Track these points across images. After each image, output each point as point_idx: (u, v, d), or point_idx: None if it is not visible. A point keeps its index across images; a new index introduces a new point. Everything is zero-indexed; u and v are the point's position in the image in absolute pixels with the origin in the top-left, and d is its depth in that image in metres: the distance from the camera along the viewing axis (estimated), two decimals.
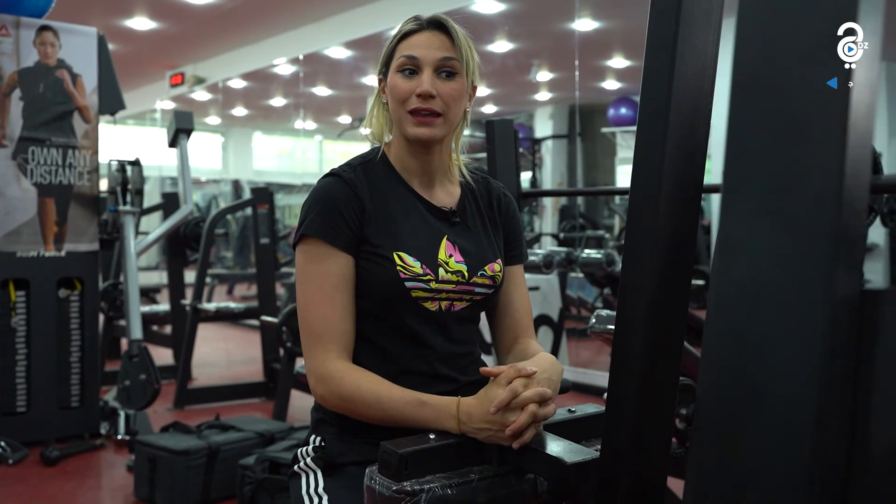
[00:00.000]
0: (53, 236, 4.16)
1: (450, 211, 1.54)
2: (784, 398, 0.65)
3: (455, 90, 1.45)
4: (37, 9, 4.24)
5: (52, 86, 4.19)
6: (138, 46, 9.94)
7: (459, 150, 1.59)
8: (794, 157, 0.67)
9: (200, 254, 5.41)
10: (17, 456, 3.86)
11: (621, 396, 1.24)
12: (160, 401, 4.98)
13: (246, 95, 12.79)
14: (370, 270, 1.44)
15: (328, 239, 1.42)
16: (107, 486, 3.66)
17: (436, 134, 1.46)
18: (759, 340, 0.68)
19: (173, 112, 4.98)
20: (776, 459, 0.66)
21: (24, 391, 4.10)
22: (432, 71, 1.44)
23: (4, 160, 4.06)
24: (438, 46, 1.44)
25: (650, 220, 1.19)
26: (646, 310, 1.19)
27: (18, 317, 4.09)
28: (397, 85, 1.46)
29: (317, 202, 1.45)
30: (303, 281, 1.45)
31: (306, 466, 1.55)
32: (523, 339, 1.60)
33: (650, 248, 1.19)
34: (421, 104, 1.44)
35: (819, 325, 0.64)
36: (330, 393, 1.41)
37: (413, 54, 1.44)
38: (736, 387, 0.70)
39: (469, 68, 1.47)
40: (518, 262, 1.63)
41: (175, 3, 8.44)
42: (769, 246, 0.68)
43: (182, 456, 3.23)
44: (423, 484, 1.28)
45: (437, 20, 1.47)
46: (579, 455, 1.31)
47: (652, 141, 1.18)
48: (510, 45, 9.42)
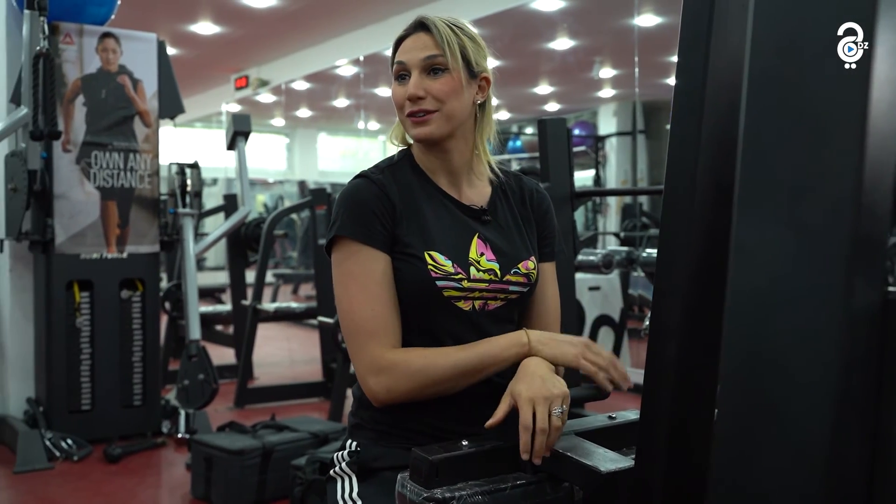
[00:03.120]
0: (116, 238, 4.26)
1: (480, 209, 1.52)
2: (798, 414, 0.61)
3: (444, 85, 1.43)
4: (99, 16, 4.34)
5: (113, 91, 4.28)
6: (203, 51, 10.13)
7: (486, 145, 1.56)
8: (810, 160, 0.62)
9: (260, 254, 5.48)
10: (82, 453, 3.96)
11: (656, 404, 1.19)
12: (221, 400, 5.06)
13: (309, 97, 12.95)
14: (402, 270, 1.43)
15: (363, 239, 1.41)
16: (165, 484, 3.72)
17: (433, 131, 1.45)
18: (773, 353, 0.63)
19: (231, 115, 5.05)
20: (790, 477, 0.61)
21: (89, 390, 4.20)
22: (419, 72, 1.44)
23: (69, 164, 4.16)
24: (422, 47, 1.44)
25: (684, 222, 1.14)
26: (681, 315, 1.14)
27: (83, 317, 4.19)
28: (393, 92, 1.48)
29: (347, 204, 1.44)
30: (343, 283, 1.43)
31: (341, 471, 1.55)
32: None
33: (684, 250, 1.14)
34: (413, 107, 1.44)
35: (836, 337, 0.59)
36: (397, 378, 1.38)
37: (401, 59, 1.46)
38: (751, 401, 0.66)
39: (462, 61, 1.45)
40: (549, 260, 1.60)
41: (238, 7, 8.57)
42: (784, 252, 0.63)
43: (237, 456, 3.26)
44: (454, 491, 1.26)
45: (420, 21, 1.47)
46: (614, 464, 1.27)
47: (686, 139, 1.13)
48: (571, 43, 9.32)
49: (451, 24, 1.46)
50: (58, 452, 3.92)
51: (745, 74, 0.69)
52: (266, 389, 5.45)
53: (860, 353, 0.59)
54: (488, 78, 1.51)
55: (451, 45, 1.43)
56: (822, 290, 0.61)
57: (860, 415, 0.60)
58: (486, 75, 1.50)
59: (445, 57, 1.43)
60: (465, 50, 1.45)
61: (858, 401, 0.60)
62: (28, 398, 4.32)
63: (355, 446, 1.52)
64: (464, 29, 1.47)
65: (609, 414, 1.48)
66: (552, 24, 8.37)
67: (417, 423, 1.46)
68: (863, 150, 0.58)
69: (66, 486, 3.58)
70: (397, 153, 1.56)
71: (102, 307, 4.23)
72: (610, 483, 1.24)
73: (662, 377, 1.19)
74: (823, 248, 0.61)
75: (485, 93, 1.52)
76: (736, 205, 0.68)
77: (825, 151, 0.61)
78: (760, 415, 0.64)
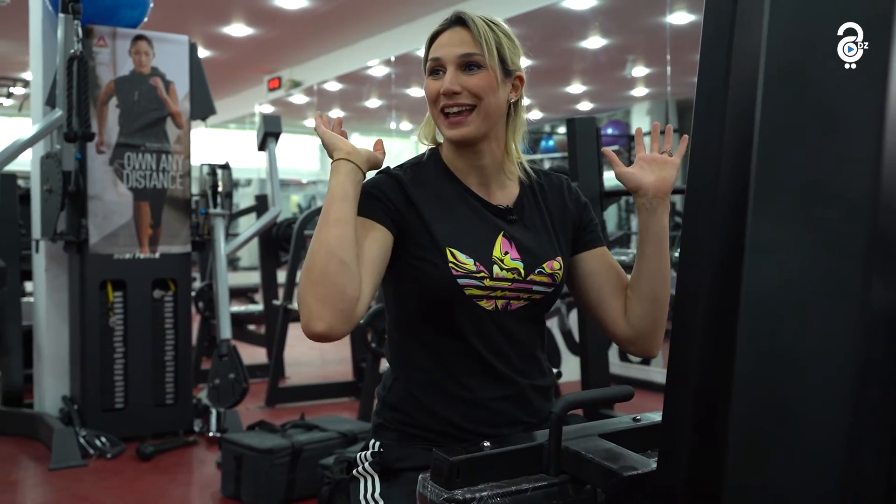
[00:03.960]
0: (148, 239, 4.30)
1: (506, 209, 1.50)
2: (812, 421, 0.59)
3: (481, 81, 1.42)
4: (132, 19, 4.39)
5: (146, 93, 4.33)
6: (236, 52, 10.21)
7: (518, 144, 1.54)
8: (825, 158, 0.60)
9: (291, 254, 5.50)
10: (115, 451, 4.01)
11: (678, 407, 1.17)
12: (253, 399, 5.10)
13: (342, 97, 13.00)
14: (422, 269, 1.41)
15: (364, 213, 1.39)
16: (196, 482, 3.76)
17: (470, 131, 1.43)
18: (788, 355, 0.62)
19: (262, 116, 5.08)
20: (805, 483, 0.60)
21: (122, 388, 4.25)
22: (455, 68, 1.42)
23: (102, 166, 4.22)
24: (459, 43, 1.43)
25: (706, 223, 1.12)
26: (702, 317, 1.12)
27: (116, 316, 4.24)
28: (427, 87, 1.46)
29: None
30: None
31: (364, 471, 1.55)
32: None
33: (707, 250, 1.12)
34: (448, 101, 1.42)
35: (852, 339, 0.58)
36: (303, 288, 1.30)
37: (437, 55, 1.44)
38: (765, 406, 0.64)
39: (497, 58, 1.43)
40: (599, 244, 1.56)
41: (270, 8, 8.63)
42: (799, 252, 0.62)
43: (266, 455, 3.28)
44: (474, 492, 1.25)
45: (457, 16, 1.45)
46: (637, 467, 1.25)
47: (708, 140, 1.11)
48: (603, 41, 9.26)
49: (488, 21, 1.45)
50: (92, 450, 3.97)
51: (760, 73, 0.67)
52: (297, 389, 5.48)
53: (877, 355, 0.58)
54: (522, 77, 1.49)
55: (489, 42, 1.42)
56: (839, 290, 0.59)
57: (877, 419, 0.58)
58: (520, 74, 1.49)
59: (482, 54, 1.41)
60: (502, 47, 1.44)
61: (876, 404, 0.58)
62: (63, 396, 4.39)
63: (378, 447, 1.51)
64: (500, 26, 1.46)
65: (634, 416, 1.46)
66: (584, 22, 8.32)
67: (441, 424, 1.45)
68: (880, 149, 0.57)
69: (99, 484, 3.63)
70: (426, 153, 1.55)
71: (135, 307, 4.28)
72: (632, 486, 1.22)
73: (684, 379, 1.17)
74: (839, 248, 0.59)
75: (518, 92, 1.50)
76: (751, 204, 0.67)
77: (841, 150, 0.59)
78: (775, 418, 0.63)
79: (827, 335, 0.60)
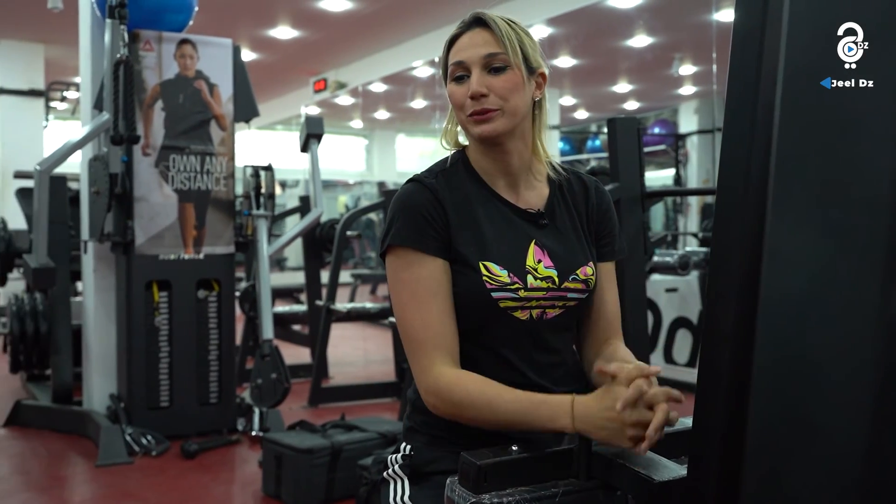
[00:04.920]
0: (192, 240, 4.36)
1: (537, 213, 1.48)
2: (831, 433, 0.57)
3: (507, 82, 1.40)
4: (177, 23, 4.46)
5: (191, 96, 4.39)
6: (282, 55, 10.31)
7: (544, 142, 1.52)
8: (844, 161, 0.58)
9: (333, 255, 5.54)
10: (160, 448, 4.07)
11: (709, 413, 1.15)
12: (296, 398, 5.14)
13: (387, 98, 13.06)
14: (456, 282, 1.40)
15: (416, 245, 1.39)
16: (238, 481, 3.80)
17: (497, 128, 1.41)
18: (806, 366, 0.60)
19: (304, 117, 5.11)
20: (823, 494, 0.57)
21: (167, 387, 4.31)
22: (480, 70, 1.40)
23: (148, 168, 4.28)
24: (482, 44, 1.40)
25: (737, 225, 1.09)
26: (734, 321, 1.10)
27: (161, 316, 4.31)
28: (452, 92, 1.44)
29: (400, 210, 1.42)
30: (396, 291, 1.42)
31: (394, 473, 1.55)
32: (612, 340, 1.53)
33: (737, 254, 1.09)
34: (475, 106, 1.40)
35: (872, 346, 0.55)
36: (441, 401, 1.37)
37: (460, 59, 1.42)
38: (784, 417, 0.62)
39: (522, 57, 1.41)
40: (609, 259, 1.56)
41: (315, 11, 8.70)
42: (818, 258, 0.59)
43: (306, 454, 3.30)
44: (502, 497, 1.24)
45: (477, 17, 1.43)
46: (668, 473, 1.23)
47: (738, 142, 1.08)
48: (649, 40, 9.17)
49: (507, 20, 1.43)
50: (137, 447, 4.04)
51: (779, 73, 0.65)
52: (339, 389, 5.51)
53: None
54: (545, 74, 1.47)
55: (512, 41, 1.40)
56: (858, 296, 0.57)
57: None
58: (542, 71, 1.46)
59: (507, 53, 1.39)
60: (524, 46, 1.42)
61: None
62: (111, 394, 4.48)
63: (409, 450, 1.52)
64: (519, 24, 1.44)
65: None
66: (629, 20, 8.24)
67: (470, 430, 1.44)
68: None
69: (144, 481, 3.68)
70: (451, 156, 1.52)
71: (180, 307, 4.34)
72: (663, 492, 1.20)
73: (715, 384, 1.14)
74: (859, 252, 0.57)
75: (541, 89, 1.47)
76: (769, 207, 0.64)
77: (860, 152, 0.57)
78: (793, 427, 0.61)
79: (847, 341, 0.57)
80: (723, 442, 1.12)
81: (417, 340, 1.39)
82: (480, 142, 1.45)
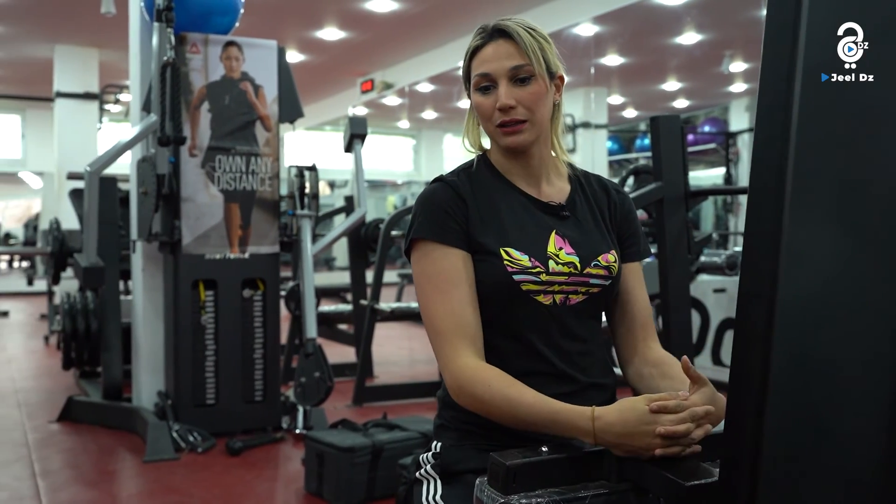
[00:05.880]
0: (238, 239, 4.41)
1: (558, 205, 1.51)
2: (847, 439, 0.55)
3: (534, 93, 1.44)
4: (223, 26, 4.51)
5: (236, 97, 4.44)
6: (330, 56, 10.39)
7: (563, 141, 1.55)
8: (862, 157, 0.56)
9: (378, 255, 5.56)
10: (206, 445, 4.13)
11: (740, 415, 1.12)
12: (341, 397, 5.18)
13: (434, 98, 13.09)
14: (478, 270, 1.43)
15: (437, 238, 1.43)
16: (281, 478, 3.83)
17: (527, 139, 1.46)
18: (823, 370, 0.58)
19: (348, 118, 5.14)
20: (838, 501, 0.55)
21: (213, 385, 4.37)
22: (507, 81, 1.43)
23: (195, 169, 4.35)
24: (507, 56, 1.43)
25: (770, 224, 1.06)
26: (765, 321, 1.07)
27: (207, 315, 4.36)
28: (479, 104, 1.47)
29: (422, 207, 1.47)
30: (420, 284, 1.46)
31: (426, 473, 1.56)
32: (649, 342, 1.54)
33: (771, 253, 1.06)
34: (504, 117, 1.44)
35: (891, 353, 0.53)
36: (462, 393, 1.39)
37: (485, 71, 1.45)
38: (800, 421, 0.60)
39: (544, 65, 1.45)
40: (635, 260, 1.58)
41: (361, 12, 8.75)
42: (836, 257, 0.57)
43: (347, 453, 3.31)
44: (531, 498, 1.23)
45: (499, 28, 1.45)
46: (699, 476, 1.20)
47: (771, 137, 1.06)
48: (698, 37, 9.04)
49: (527, 28, 1.45)
50: (184, 444, 4.10)
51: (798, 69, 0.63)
52: (384, 388, 5.53)
53: None
54: (563, 76, 1.51)
55: (535, 52, 1.43)
56: (877, 295, 0.55)
57: None
58: (561, 74, 1.50)
59: (532, 64, 1.43)
60: (545, 53, 1.46)
61: None
62: (158, 391, 4.55)
63: (439, 447, 1.53)
64: (537, 31, 1.47)
65: None
66: (677, 17, 8.14)
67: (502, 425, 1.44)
68: None
69: (189, 477, 3.74)
70: (475, 158, 1.57)
71: (226, 306, 4.39)
72: (694, 496, 1.18)
73: (745, 387, 1.12)
74: (878, 250, 0.55)
75: (560, 92, 1.52)
76: (787, 203, 0.62)
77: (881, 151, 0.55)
78: (808, 436, 0.59)
79: (865, 343, 0.55)
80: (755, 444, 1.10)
81: (441, 330, 1.41)
82: (507, 150, 1.49)
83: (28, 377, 6.37)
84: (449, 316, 1.40)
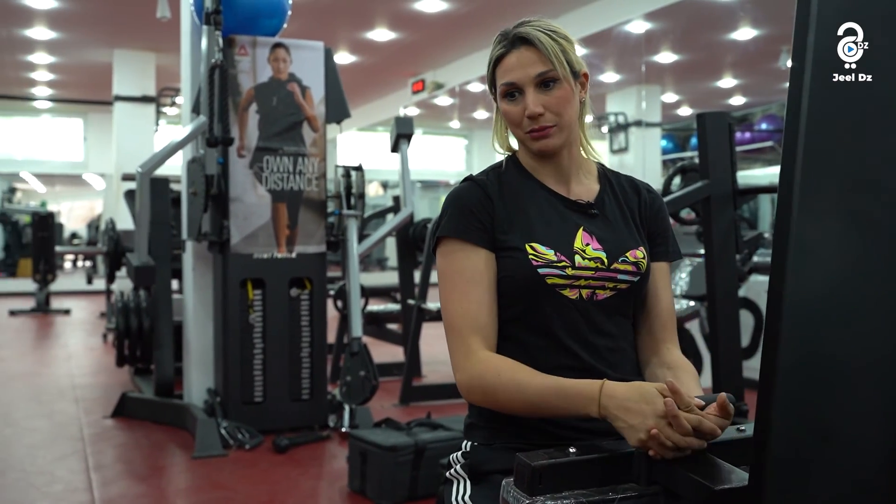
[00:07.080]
0: (285, 239, 4.46)
1: (587, 203, 1.51)
2: (852, 440, 0.53)
3: (560, 97, 1.44)
4: (271, 28, 4.56)
5: (284, 99, 4.49)
6: (381, 57, 10.45)
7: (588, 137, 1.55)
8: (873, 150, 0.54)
9: (425, 254, 5.56)
10: (254, 442, 4.18)
11: (770, 418, 1.09)
12: (388, 397, 5.20)
13: (485, 98, 13.01)
14: (503, 265, 1.44)
15: (461, 236, 1.44)
16: (326, 476, 3.86)
17: (556, 143, 1.47)
18: (830, 368, 0.56)
19: (395, 119, 5.16)
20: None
21: (261, 383, 4.42)
22: (533, 88, 1.43)
23: (243, 169, 4.40)
24: (531, 63, 1.43)
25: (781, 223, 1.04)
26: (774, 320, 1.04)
27: (255, 314, 4.42)
28: (508, 112, 1.48)
29: (450, 206, 1.49)
30: (441, 280, 1.47)
31: (456, 473, 1.57)
32: (669, 344, 1.52)
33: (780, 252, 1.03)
34: (533, 125, 1.44)
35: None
36: (473, 386, 1.39)
37: (510, 80, 1.45)
38: (806, 421, 0.58)
39: (568, 67, 1.44)
40: (663, 260, 1.56)
41: (411, 13, 8.78)
42: (845, 251, 0.55)
43: (390, 452, 3.32)
44: (557, 500, 1.22)
45: (521, 36, 1.45)
46: (730, 481, 1.17)
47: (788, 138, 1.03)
48: (754, 32, 8.88)
49: (547, 32, 1.45)
50: (232, 441, 4.16)
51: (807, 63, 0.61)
52: (431, 388, 5.53)
53: None
54: (587, 73, 1.50)
55: (558, 56, 1.43)
56: (887, 293, 0.52)
57: None
58: (584, 71, 1.50)
59: (555, 68, 1.43)
60: (567, 54, 1.45)
61: None
62: (208, 389, 4.62)
63: (468, 446, 1.53)
64: (558, 32, 1.46)
65: (738, 426, 1.37)
66: (731, 12, 8.00)
67: (531, 421, 1.43)
68: None
69: (236, 473, 3.79)
70: (504, 159, 1.58)
71: (273, 305, 4.44)
72: (723, 500, 1.15)
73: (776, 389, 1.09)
74: (888, 246, 0.53)
75: (585, 89, 1.51)
76: (796, 198, 0.60)
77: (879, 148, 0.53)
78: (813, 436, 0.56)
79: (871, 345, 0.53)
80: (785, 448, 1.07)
81: (455, 328, 1.42)
82: (539, 154, 1.50)
83: (86, 373, 6.53)
84: (464, 315, 1.41)
